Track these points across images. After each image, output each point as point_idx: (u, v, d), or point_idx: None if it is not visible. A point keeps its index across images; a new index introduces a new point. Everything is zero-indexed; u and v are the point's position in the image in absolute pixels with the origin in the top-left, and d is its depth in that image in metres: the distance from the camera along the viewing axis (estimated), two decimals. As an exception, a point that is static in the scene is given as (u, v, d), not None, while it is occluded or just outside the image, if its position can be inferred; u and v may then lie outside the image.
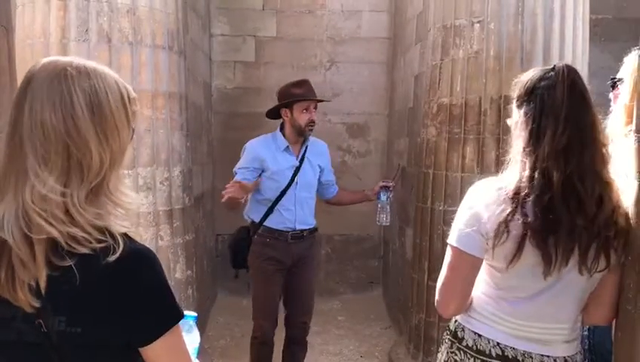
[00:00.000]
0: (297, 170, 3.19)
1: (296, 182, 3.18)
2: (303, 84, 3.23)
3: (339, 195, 3.51)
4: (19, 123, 0.99)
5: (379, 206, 3.28)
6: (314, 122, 3.19)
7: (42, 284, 0.95)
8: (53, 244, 0.96)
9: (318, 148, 3.35)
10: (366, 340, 4.65)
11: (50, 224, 0.95)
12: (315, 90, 3.30)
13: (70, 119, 0.98)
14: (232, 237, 3.37)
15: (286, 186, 3.16)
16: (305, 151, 3.25)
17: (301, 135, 3.20)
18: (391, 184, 3.26)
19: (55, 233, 0.95)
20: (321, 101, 3.30)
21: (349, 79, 5.73)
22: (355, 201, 3.66)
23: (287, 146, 3.21)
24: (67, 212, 0.97)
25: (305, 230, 3.24)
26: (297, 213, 3.20)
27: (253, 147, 3.24)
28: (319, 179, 3.36)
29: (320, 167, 3.32)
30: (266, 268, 3.20)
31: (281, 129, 3.27)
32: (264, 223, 3.20)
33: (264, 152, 3.18)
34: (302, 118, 3.16)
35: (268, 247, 3.20)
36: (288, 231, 3.19)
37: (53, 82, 0.99)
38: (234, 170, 3.23)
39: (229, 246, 3.36)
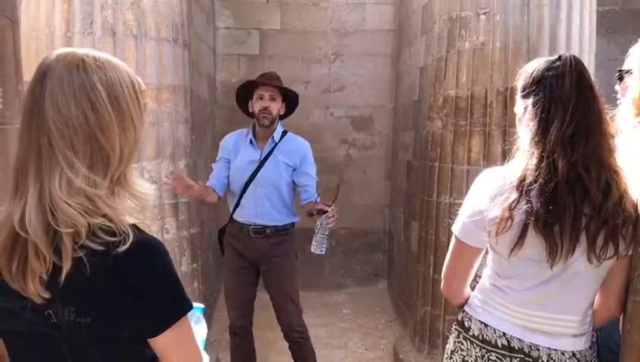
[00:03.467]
0: (260, 165, 3.13)
1: (257, 178, 3.12)
2: (266, 74, 3.20)
3: (306, 206, 3.14)
4: (35, 115, 0.98)
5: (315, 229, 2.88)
6: (265, 109, 3.07)
7: (65, 272, 0.95)
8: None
9: (292, 146, 3.20)
10: (371, 333, 4.66)
11: (80, 215, 0.95)
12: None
13: (91, 111, 0.98)
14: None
15: (247, 181, 3.13)
16: (274, 146, 3.16)
17: (260, 125, 3.11)
18: (328, 208, 2.84)
19: (83, 224, 0.95)
20: (273, 86, 3.11)
21: (353, 72, 5.71)
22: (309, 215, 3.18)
23: (251, 140, 3.17)
24: (93, 202, 0.98)
25: (268, 226, 3.14)
26: (257, 209, 3.13)
27: (225, 139, 3.29)
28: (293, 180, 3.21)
29: (289, 165, 3.16)
30: (230, 259, 3.24)
31: (254, 124, 3.20)
32: (233, 216, 3.22)
33: (231, 145, 3.22)
34: (256, 106, 3.11)
35: (234, 238, 3.22)
36: (250, 225, 3.15)
37: (72, 73, 0.98)
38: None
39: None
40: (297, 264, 3.31)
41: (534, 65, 1.49)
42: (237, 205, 3.18)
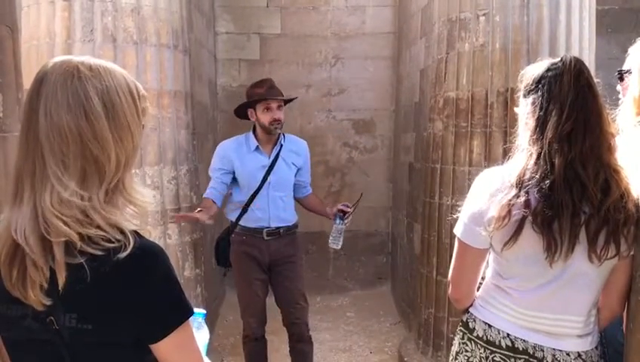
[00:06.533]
0: (270, 169, 3.16)
1: (269, 182, 3.15)
2: (264, 83, 3.18)
3: (308, 199, 3.42)
4: (32, 124, 0.98)
5: (333, 228, 3.19)
6: (277, 120, 3.10)
7: (60, 283, 0.95)
8: (66, 244, 0.96)
9: (295, 147, 3.29)
10: (375, 336, 4.65)
11: (70, 227, 0.95)
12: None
13: (85, 120, 0.98)
14: (216, 237, 3.39)
15: (258, 186, 3.13)
16: (280, 149, 3.20)
17: (270, 134, 3.15)
18: (349, 210, 3.17)
19: (74, 236, 0.95)
20: (283, 100, 3.19)
21: (354, 75, 5.72)
22: (317, 212, 3.47)
23: (257, 146, 3.17)
24: (87, 214, 0.97)
25: (281, 227, 3.20)
26: (271, 212, 3.16)
27: (223, 148, 3.23)
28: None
29: (295, 165, 3.26)
30: (245, 266, 3.20)
31: (254, 130, 3.22)
32: (240, 222, 3.20)
33: (233, 154, 3.16)
34: (264, 118, 3.09)
35: (245, 245, 3.19)
36: (263, 229, 3.16)
37: (66, 82, 0.98)
38: (209, 171, 3.20)
39: (214, 245, 3.38)
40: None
41: (536, 66, 1.51)
42: (244, 211, 3.16)
